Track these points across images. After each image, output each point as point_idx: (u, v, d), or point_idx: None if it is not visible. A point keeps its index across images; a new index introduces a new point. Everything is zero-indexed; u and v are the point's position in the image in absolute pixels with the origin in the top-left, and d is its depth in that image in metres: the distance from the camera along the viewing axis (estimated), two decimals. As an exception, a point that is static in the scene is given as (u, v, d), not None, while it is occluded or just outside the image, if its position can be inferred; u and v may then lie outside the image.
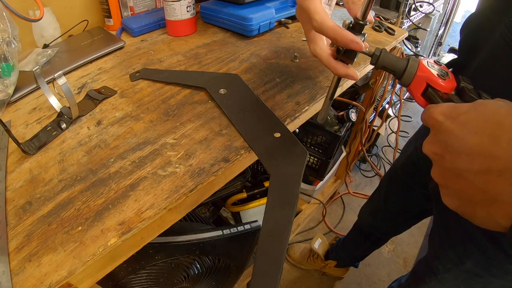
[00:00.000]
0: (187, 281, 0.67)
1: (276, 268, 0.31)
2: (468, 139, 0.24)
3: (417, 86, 0.35)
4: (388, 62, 0.37)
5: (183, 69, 0.62)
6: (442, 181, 0.28)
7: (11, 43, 0.54)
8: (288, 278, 1.20)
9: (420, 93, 0.35)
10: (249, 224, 0.70)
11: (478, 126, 0.24)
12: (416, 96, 0.36)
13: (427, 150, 0.29)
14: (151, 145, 0.44)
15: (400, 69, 0.36)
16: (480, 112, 0.25)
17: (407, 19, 1.24)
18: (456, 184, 0.26)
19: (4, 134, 0.47)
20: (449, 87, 0.34)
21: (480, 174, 0.23)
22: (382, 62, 0.37)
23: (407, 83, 0.36)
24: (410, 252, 1.30)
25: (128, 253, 0.36)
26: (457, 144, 0.25)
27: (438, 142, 0.27)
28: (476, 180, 0.24)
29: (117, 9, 0.75)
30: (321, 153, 1.16)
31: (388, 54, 0.37)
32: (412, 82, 0.35)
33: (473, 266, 0.49)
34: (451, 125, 0.26)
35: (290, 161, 0.40)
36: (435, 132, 0.28)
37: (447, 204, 0.28)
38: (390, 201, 0.79)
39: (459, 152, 0.25)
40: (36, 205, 0.37)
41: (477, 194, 0.24)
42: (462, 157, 0.25)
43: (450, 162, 0.26)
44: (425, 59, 0.36)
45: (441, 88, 0.34)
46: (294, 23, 0.80)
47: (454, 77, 0.35)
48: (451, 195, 0.27)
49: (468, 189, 0.25)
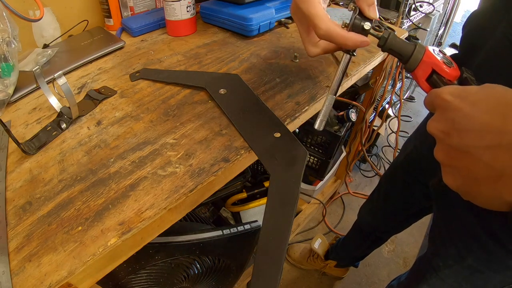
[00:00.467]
0: (187, 281, 0.67)
1: (276, 268, 0.31)
2: (478, 117, 0.25)
3: (423, 71, 0.36)
4: (396, 45, 0.37)
5: (183, 69, 0.62)
6: (446, 159, 0.28)
7: (11, 43, 0.54)
8: (288, 278, 1.20)
9: (425, 78, 0.36)
10: (249, 224, 0.70)
11: (488, 105, 0.25)
12: (421, 81, 0.36)
13: (433, 128, 0.29)
14: (151, 145, 0.44)
15: (407, 53, 0.36)
16: (490, 93, 0.25)
17: (407, 19, 1.24)
18: (461, 161, 0.26)
19: (4, 134, 0.47)
20: (453, 74, 0.35)
21: (488, 149, 0.24)
22: (390, 45, 0.38)
23: (413, 68, 0.36)
24: (410, 252, 1.30)
25: (128, 253, 0.36)
26: (466, 121, 0.25)
27: (445, 120, 0.28)
28: (484, 155, 0.24)
29: (117, 9, 0.75)
30: (321, 153, 1.16)
31: (396, 37, 0.37)
32: (418, 67, 0.36)
33: (474, 262, 0.49)
34: (460, 103, 0.26)
35: (290, 161, 0.40)
36: (442, 110, 0.28)
37: (449, 184, 0.29)
38: (390, 200, 0.79)
39: (468, 129, 0.25)
40: (36, 205, 0.37)
41: (483, 170, 0.25)
42: (470, 133, 0.25)
43: (457, 139, 0.26)
44: (431, 47, 0.36)
45: (446, 75, 0.34)
46: (294, 23, 0.80)
47: (458, 68, 0.35)
48: (455, 174, 0.28)
49: (474, 166, 0.25)
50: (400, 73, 1.23)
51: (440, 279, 0.57)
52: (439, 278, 0.57)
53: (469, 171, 0.26)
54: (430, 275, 0.59)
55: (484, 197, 0.26)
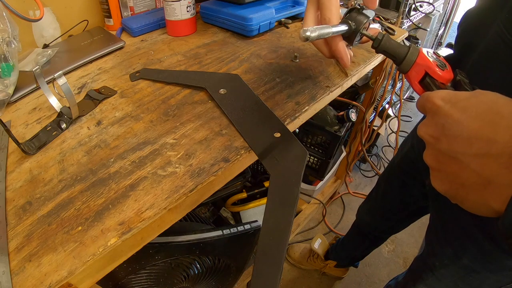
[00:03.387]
0: (187, 281, 0.67)
1: (276, 268, 0.31)
2: (467, 124, 0.25)
3: (416, 73, 0.36)
4: (389, 47, 0.38)
5: (183, 69, 0.62)
6: (434, 163, 0.28)
7: (11, 43, 0.54)
8: (288, 278, 1.20)
9: (417, 81, 0.36)
10: (249, 224, 0.70)
11: (478, 112, 0.25)
12: (414, 84, 0.37)
13: (423, 133, 0.29)
14: (151, 145, 0.44)
15: (401, 55, 0.37)
16: (481, 100, 0.25)
17: (407, 19, 1.24)
18: (450, 167, 0.26)
19: (4, 134, 0.47)
20: (446, 77, 0.35)
21: (477, 157, 0.24)
22: (384, 47, 0.38)
23: (406, 70, 0.37)
24: (410, 252, 1.30)
25: (128, 253, 0.36)
26: (456, 127, 0.25)
27: (435, 125, 0.28)
28: (472, 163, 0.24)
29: (117, 9, 0.75)
30: (321, 153, 1.16)
31: (390, 39, 0.38)
32: (411, 69, 0.36)
33: (470, 262, 0.50)
34: (450, 109, 0.26)
35: (290, 161, 0.40)
36: (432, 115, 0.28)
37: (436, 188, 0.29)
38: (388, 199, 0.79)
39: (457, 136, 0.25)
40: (36, 205, 0.37)
41: (471, 177, 0.25)
42: (459, 140, 0.25)
43: (446, 145, 0.26)
44: (425, 49, 0.37)
45: (439, 78, 0.35)
46: (294, 23, 0.80)
47: (452, 70, 0.35)
48: (443, 179, 0.28)
49: (462, 172, 0.25)
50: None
51: (436, 278, 0.58)
52: (436, 277, 0.58)
53: (456, 176, 0.26)
54: (427, 275, 0.60)
55: (471, 203, 0.26)
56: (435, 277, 0.58)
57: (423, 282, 0.61)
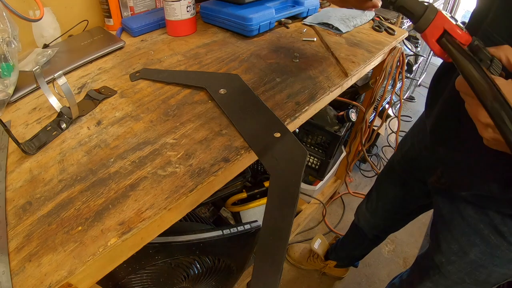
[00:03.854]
0: (187, 281, 0.66)
1: (276, 268, 0.31)
2: None
3: (434, 31, 0.35)
4: (407, 3, 0.37)
5: (183, 69, 0.62)
6: None
7: (11, 43, 0.54)
8: (288, 278, 1.20)
9: (435, 39, 0.35)
10: (249, 224, 0.70)
11: None
12: (431, 42, 0.36)
13: None
14: (151, 145, 0.44)
15: (419, 12, 0.36)
16: None
17: (407, 19, 1.24)
18: None
19: (4, 134, 0.47)
20: (465, 38, 0.34)
21: None
22: (401, 2, 0.37)
23: (424, 28, 0.36)
24: (410, 252, 1.30)
25: (128, 253, 0.36)
26: None
27: None
28: None
29: (117, 9, 0.75)
30: (321, 153, 1.16)
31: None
32: (429, 27, 0.35)
33: (477, 257, 0.50)
34: None
35: (290, 161, 0.40)
36: None
37: None
38: (387, 198, 0.79)
39: None
40: (36, 205, 0.37)
41: None
42: None
43: None
44: (442, 11, 0.36)
45: (458, 37, 0.34)
46: (294, 23, 0.81)
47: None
48: None
49: None
50: (400, 73, 1.23)
51: (443, 275, 0.58)
52: (442, 274, 0.58)
53: None
54: (433, 272, 0.60)
55: None
56: (442, 274, 0.58)
57: (429, 279, 0.61)
